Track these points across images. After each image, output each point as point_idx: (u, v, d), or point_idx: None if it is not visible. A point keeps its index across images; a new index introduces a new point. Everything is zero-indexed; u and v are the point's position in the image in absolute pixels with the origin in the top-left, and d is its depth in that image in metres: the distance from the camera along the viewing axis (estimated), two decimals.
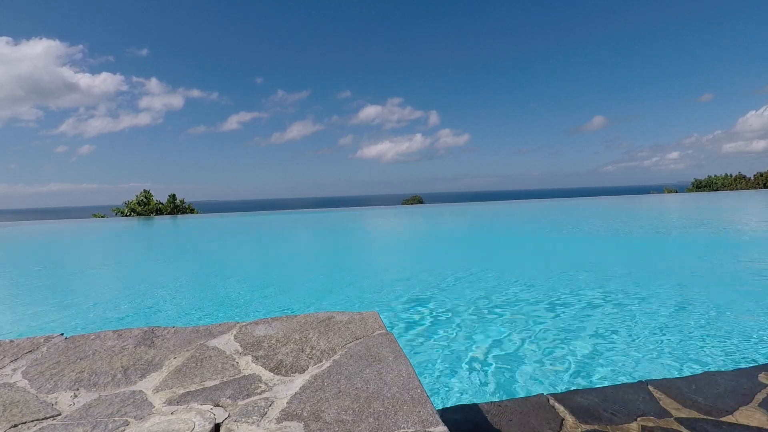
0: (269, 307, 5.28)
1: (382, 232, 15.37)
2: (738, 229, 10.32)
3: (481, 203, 29.25)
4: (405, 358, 1.37)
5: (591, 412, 1.95)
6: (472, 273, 6.76)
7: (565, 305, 4.70)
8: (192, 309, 5.32)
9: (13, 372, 1.42)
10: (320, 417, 1.05)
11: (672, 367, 3.07)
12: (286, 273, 7.75)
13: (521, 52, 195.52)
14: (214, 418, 1.09)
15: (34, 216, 39.68)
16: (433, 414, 1.04)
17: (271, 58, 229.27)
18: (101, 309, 5.42)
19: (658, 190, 37.85)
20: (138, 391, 1.28)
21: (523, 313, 4.50)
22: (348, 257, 9.69)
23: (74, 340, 1.67)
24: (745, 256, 7.27)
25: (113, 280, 7.56)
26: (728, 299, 4.76)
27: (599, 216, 16.36)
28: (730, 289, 5.27)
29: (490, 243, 10.91)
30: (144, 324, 4.53)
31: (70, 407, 1.20)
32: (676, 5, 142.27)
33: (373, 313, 1.78)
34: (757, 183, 32.26)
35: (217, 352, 1.52)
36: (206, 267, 8.74)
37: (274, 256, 10.21)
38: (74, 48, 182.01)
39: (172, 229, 19.18)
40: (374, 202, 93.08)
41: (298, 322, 1.74)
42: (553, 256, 8.19)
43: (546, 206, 22.84)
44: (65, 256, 11.77)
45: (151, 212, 27.17)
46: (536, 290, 5.43)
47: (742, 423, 1.27)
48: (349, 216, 21.57)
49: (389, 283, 6.25)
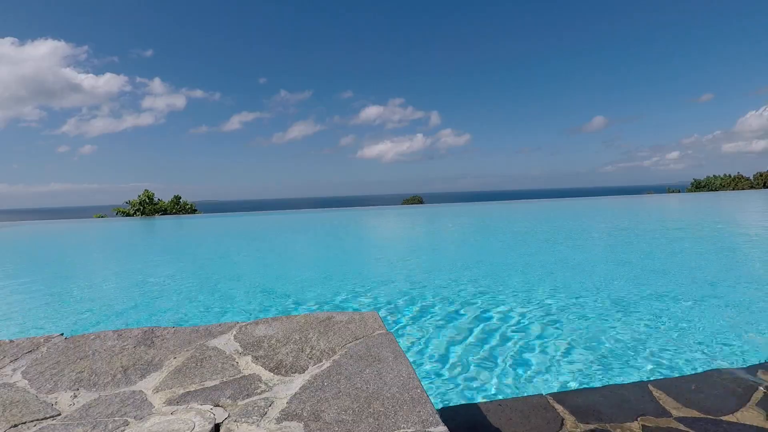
0: (269, 307, 5.28)
1: (382, 231, 15.37)
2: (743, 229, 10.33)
3: (482, 203, 29.24)
4: (405, 358, 1.37)
5: (591, 412, 1.95)
6: (472, 273, 6.77)
7: (567, 304, 4.70)
8: (192, 309, 5.32)
9: (13, 372, 1.42)
10: (320, 417, 1.06)
11: (676, 365, 3.07)
12: (286, 273, 7.75)
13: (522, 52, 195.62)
14: (214, 418, 1.09)
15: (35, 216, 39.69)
16: (433, 414, 1.04)
17: (275, 59, 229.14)
18: (101, 309, 5.42)
19: (657, 190, 37.79)
20: (138, 391, 1.28)
21: (525, 312, 4.50)
22: (348, 257, 9.69)
23: (74, 340, 1.67)
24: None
25: (114, 280, 7.56)
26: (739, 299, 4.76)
27: (601, 216, 16.36)
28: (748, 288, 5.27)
29: (490, 243, 10.91)
30: (144, 324, 4.53)
31: (70, 407, 1.20)
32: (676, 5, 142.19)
33: (373, 313, 1.78)
34: (756, 183, 32.24)
35: (217, 352, 1.52)
36: (206, 267, 8.74)
37: (274, 256, 10.21)
38: (79, 49, 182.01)
39: (174, 229, 19.19)
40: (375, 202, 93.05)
41: (298, 322, 1.74)
42: (555, 256, 8.19)
43: (546, 207, 22.84)
44: (66, 256, 11.78)
45: (155, 212, 27.19)
46: (539, 290, 5.43)
47: (742, 422, 1.27)
48: (350, 216, 21.57)
49: (389, 283, 6.25)
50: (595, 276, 6.23)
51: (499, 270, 7.06)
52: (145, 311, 5.29)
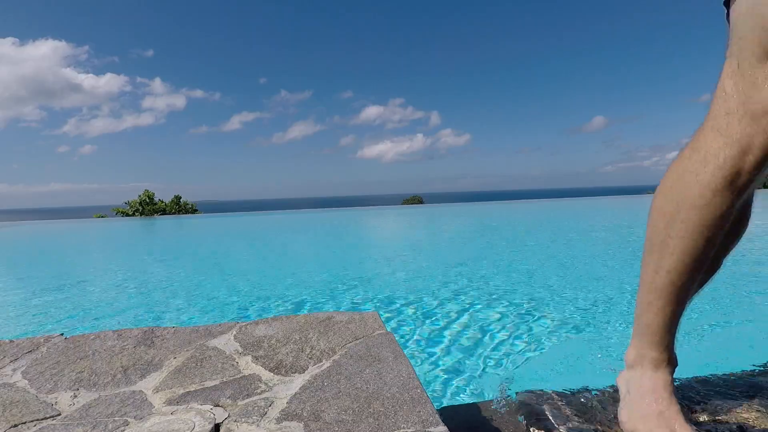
0: (269, 307, 5.28)
1: (382, 231, 15.37)
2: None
3: (482, 203, 29.24)
4: (405, 358, 1.38)
5: (592, 412, 1.95)
6: (473, 272, 6.77)
7: (569, 304, 4.71)
8: (192, 309, 5.32)
9: (13, 372, 1.42)
10: (320, 417, 1.06)
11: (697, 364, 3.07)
12: (286, 273, 7.75)
13: (522, 52, 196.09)
14: (214, 418, 1.09)
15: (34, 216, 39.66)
16: (433, 414, 1.04)
17: (275, 59, 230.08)
18: (101, 309, 5.43)
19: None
20: (138, 391, 1.28)
21: (527, 311, 4.50)
22: (348, 257, 9.69)
23: (74, 340, 1.67)
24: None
25: (114, 280, 7.56)
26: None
27: (600, 216, 16.36)
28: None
29: (490, 243, 10.91)
30: (144, 324, 4.53)
31: (70, 407, 1.20)
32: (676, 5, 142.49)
33: (373, 313, 1.78)
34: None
35: (217, 352, 1.52)
36: (207, 267, 8.74)
37: (274, 256, 10.21)
38: (80, 49, 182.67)
39: (175, 229, 19.18)
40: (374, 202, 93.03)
41: (298, 322, 1.75)
42: (557, 256, 8.19)
43: (547, 207, 22.84)
44: (66, 256, 11.78)
45: (155, 212, 27.20)
46: (543, 289, 5.43)
47: (742, 421, 1.27)
48: (349, 216, 21.57)
49: (389, 283, 6.25)
50: (606, 276, 6.24)
51: (500, 270, 7.06)
52: (145, 311, 5.29)
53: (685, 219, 0.99)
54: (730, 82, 0.93)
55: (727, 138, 0.92)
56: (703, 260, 1.03)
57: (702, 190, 0.96)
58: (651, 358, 1.15)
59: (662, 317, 1.11)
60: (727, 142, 0.92)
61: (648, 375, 1.16)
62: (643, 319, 1.14)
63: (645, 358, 1.16)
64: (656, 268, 1.07)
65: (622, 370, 1.28)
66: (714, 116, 0.96)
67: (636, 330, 1.19)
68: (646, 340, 1.15)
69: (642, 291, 1.13)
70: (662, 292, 1.07)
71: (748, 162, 0.92)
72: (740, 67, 0.92)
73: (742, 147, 0.91)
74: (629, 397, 1.19)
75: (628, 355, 1.23)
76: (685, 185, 0.99)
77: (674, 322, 1.13)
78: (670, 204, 1.03)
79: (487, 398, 1.52)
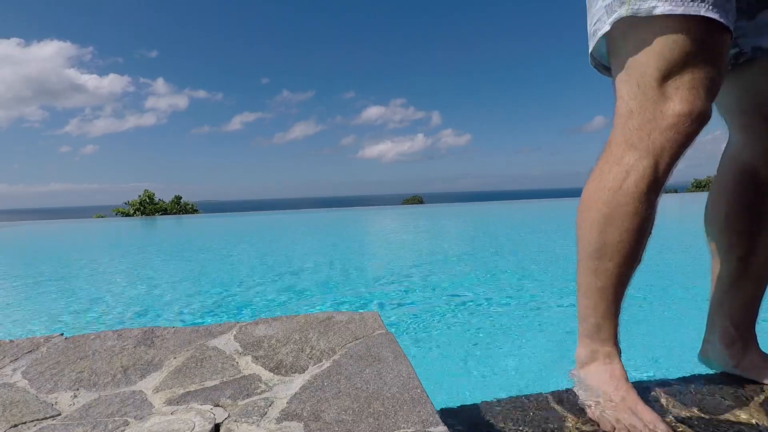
0: (269, 307, 5.28)
1: (382, 231, 15.37)
2: None
3: (482, 203, 29.22)
4: (405, 358, 1.38)
5: None
6: (473, 272, 6.77)
7: (571, 305, 4.71)
8: (192, 308, 5.32)
9: (13, 372, 1.42)
10: (320, 417, 1.06)
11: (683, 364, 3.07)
12: (286, 272, 7.74)
13: (522, 52, 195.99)
14: (214, 418, 1.09)
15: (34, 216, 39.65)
16: (433, 414, 1.04)
17: (277, 59, 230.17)
18: (101, 309, 5.42)
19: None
20: (138, 391, 1.28)
21: (528, 311, 4.50)
22: (348, 257, 9.69)
23: (74, 340, 1.67)
24: None
25: (114, 280, 7.56)
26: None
27: None
28: None
29: (490, 243, 10.91)
30: (144, 324, 4.53)
31: (70, 407, 1.20)
32: None
33: (373, 313, 1.78)
34: None
35: (217, 352, 1.52)
36: (207, 267, 8.74)
37: (274, 256, 10.21)
38: (84, 49, 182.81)
39: (175, 229, 19.18)
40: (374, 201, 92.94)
41: (298, 322, 1.74)
42: (558, 256, 8.19)
43: (547, 207, 22.83)
44: (66, 256, 11.78)
45: (156, 212, 27.19)
46: (545, 288, 5.43)
47: (741, 421, 1.28)
48: (349, 216, 21.56)
49: (389, 283, 6.25)
50: None
51: (501, 270, 7.06)
52: (145, 311, 5.29)
53: (619, 225, 1.12)
54: (634, 103, 1.07)
55: (641, 151, 1.06)
56: (636, 259, 1.17)
57: (628, 199, 1.09)
58: (605, 353, 1.27)
59: (609, 316, 1.23)
60: (641, 155, 1.06)
61: (603, 368, 1.28)
62: (591, 321, 1.26)
63: (598, 353, 1.28)
64: (595, 273, 1.18)
65: (572, 370, 1.40)
66: (623, 132, 1.11)
67: (583, 331, 1.31)
68: (597, 338, 1.27)
69: (584, 295, 1.25)
70: (605, 293, 1.19)
71: (661, 169, 1.07)
72: (640, 87, 1.05)
73: (655, 157, 1.05)
74: (591, 390, 1.30)
75: (579, 355, 1.35)
76: (612, 196, 1.12)
77: (617, 316, 1.26)
78: (599, 214, 1.15)
79: (488, 398, 1.52)
